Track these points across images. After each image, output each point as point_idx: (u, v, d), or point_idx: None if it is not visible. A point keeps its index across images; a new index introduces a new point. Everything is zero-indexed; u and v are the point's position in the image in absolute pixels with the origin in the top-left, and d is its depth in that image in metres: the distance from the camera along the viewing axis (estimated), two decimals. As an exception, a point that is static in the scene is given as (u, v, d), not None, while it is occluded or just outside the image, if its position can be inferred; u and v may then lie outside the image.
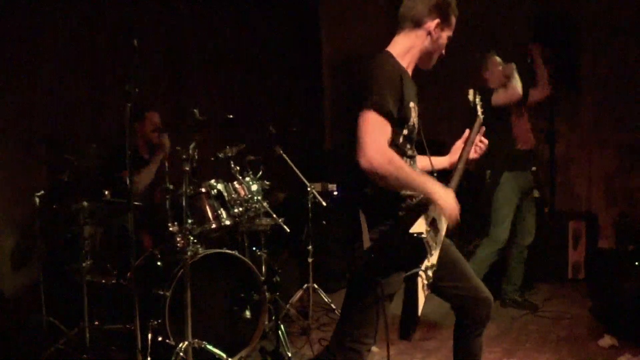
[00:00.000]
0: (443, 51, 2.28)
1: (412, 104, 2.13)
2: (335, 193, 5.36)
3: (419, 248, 2.02)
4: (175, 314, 3.14)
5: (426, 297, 2.13)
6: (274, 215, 3.67)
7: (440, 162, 2.47)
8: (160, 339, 3.20)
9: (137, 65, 2.64)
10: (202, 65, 5.38)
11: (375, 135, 1.96)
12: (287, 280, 4.29)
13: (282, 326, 3.47)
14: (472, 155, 2.45)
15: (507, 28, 5.94)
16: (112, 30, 4.44)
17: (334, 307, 4.12)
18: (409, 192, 2.08)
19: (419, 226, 2.03)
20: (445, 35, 2.24)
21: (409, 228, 2.00)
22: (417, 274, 2.02)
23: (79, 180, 3.66)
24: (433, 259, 2.14)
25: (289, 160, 4.08)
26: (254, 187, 3.61)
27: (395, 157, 1.98)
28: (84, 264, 3.38)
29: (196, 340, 3.07)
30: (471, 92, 2.48)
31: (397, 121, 2.05)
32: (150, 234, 3.86)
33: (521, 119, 4.22)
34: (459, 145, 2.48)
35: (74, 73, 4.26)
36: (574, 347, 3.67)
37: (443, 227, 2.23)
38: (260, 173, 3.73)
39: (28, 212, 3.70)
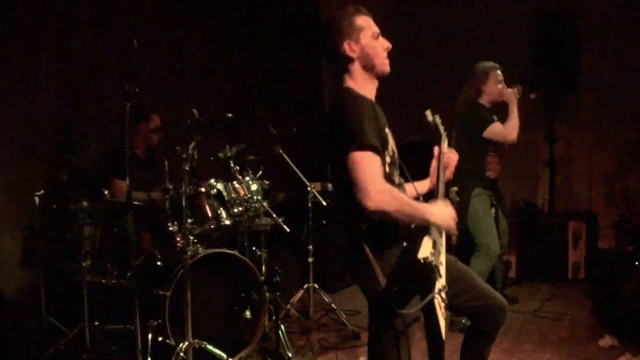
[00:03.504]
0: (386, 46, 2.18)
1: (386, 130, 2.13)
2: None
3: (430, 272, 2.01)
4: (175, 314, 3.14)
5: (445, 319, 2.13)
6: (274, 215, 3.67)
7: (423, 185, 2.45)
8: (160, 339, 3.20)
9: (136, 65, 2.64)
10: (202, 65, 5.38)
11: (371, 173, 1.95)
12: (287, 280, 4.29)
13: (282, 326, 3.47)
14: (448, 174, 2.42)
15: (508, 28, 5.95)
16: (112, 30, 4.44)
17: (334, 307, 4.12)
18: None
19: (424, 250, 2.02)
20: (367, 36, 2.15)
21: (416, 254, 1.98)
22: (433, 299, 2.02)
23: (79, 180, 3.66)
24: (443, 280, 2.13)
25: (289, 160, 4.08)
26: (254, 187, 3.61)
27: (395, 190, 2.01)
28: (84, 264, 3.38)
29: (196, 340, 3.06)
30: (428, 112, 2.43)
31: (378, 149, 2.03)
32: (150, 234, 3.86)
33: (496, 148, 4.20)
34: (434, 165, 2.44)
35: (74, 73, 4.26)
36: (574, 347, 3.67)
37: (443, 247, 2.24)
38: (260, 173, 3.73)
39: (28, 212, 3.70)
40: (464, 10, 6.19)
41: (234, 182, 3.60)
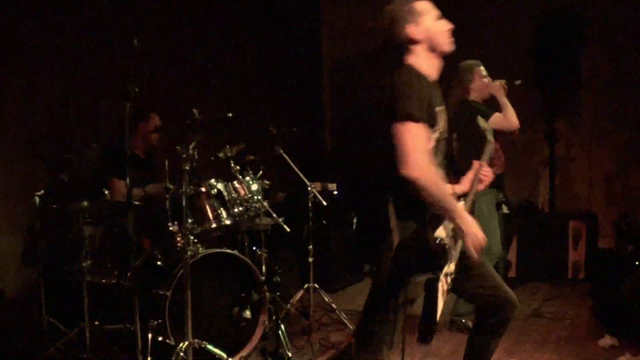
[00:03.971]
0: (447, 27, 2.30)
1: (439, 108, 2.22)
2: (335, 192, 5.36)
3: (441, 252, 2.09)
4: (175, 314, 3.14)
5: (445, 304, 2.20)
6: (274, 215, 3.67)
7: (459, 187, 2.50)
8: (160, 339, 3.20)
9: (137, 65, 2.64)
10: (202, 65, 5.38)
11: (414, 147, 2.05)
12: (287, 280, 4.29)
13: (282, 326, 3.47)
14: (480, 186, 2.47)
15: (508, 28, 5.95)
16: (112, 30, 4.44)
17: (334, 307, 4.12)
18: None
19: (442, 231, 2.11)
20: (429, 19, 2.26)
21: (433, 231, 2.07)
22: (437, 279, 2.08)
23: (79, 180, 3.66)
24: (452, 266, 2.19)
25: (289, 160, 4.08)
26: (254, 187, 3.61)
27: (434, 175, 2.08)
28: (84, 264, 3.38)
29: (196, 340, 3.06)
30: (481, 119, 2.53)
31: (428, 126, 2.13)
32: (150, 233, 3.86)
33: (497, 144, 4.13)
34: (470, 176, 2.49)
35: (74, 73, 4.26)
36: (574, 347, 3.67)
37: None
38: (260, 173, 3.72)
39: (28, 212, 3.70)
40: (464, 10, 6.19)
41: (234, 182, 3.60)
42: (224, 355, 3.18)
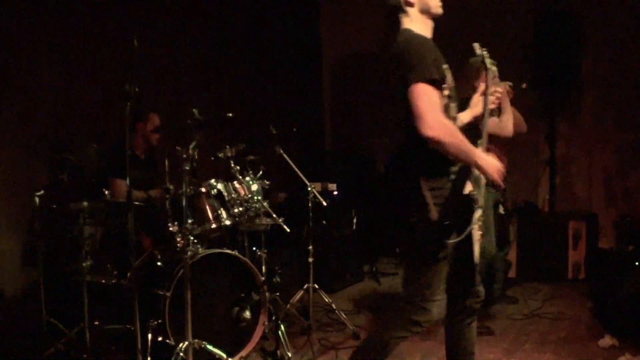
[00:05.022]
0: None
1: (445, 66, 2.37)
2: (335, 192, 5.36)
3: (473, 205, 2.29)
4: (175, 314, 3.14)
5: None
6: (274, 215, 3.67)
7: (465, 116, 2.66)
8: (160, 339, 3.20)
9: (137, 65, 2.64)
10: (202, 65, 5.38)
11: (430, 107, 2.18)
12: (287, 280, 4.29)
13: (282, 326, 3.47)
14: (491, 105, 2.64)
15: (508, 27, 5.95)
16: (112, 30, 4.45)
17: (334, 307, 4.12)
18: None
19: (469, 186, 2.31)
20: None
21: (462, 190, 2.27)
22: (471, 230, 2.31)
23: (79, 180, 3.66)
24: (480, 210, 2.37)
25: (289, 160, 4.07)
26: (254, 187, 3.61)
27: (452, 126, 2.25)
28: (84, 264, 3.38)
29: (196, 340, 3.06)
30: (477, 45, 2.61)
31: (438, 83, 2.27)
32: (150, 234, 3.86)
33: (497, 147, 4.05)
34: (477, 98, 2.68)
35: (74, 73, 4.26)
36: (574, 347, 3.67)
37: (483, 183, 2.43)
38: (260, 173, 3.72)
39: (28, 212, 3.70)
40: (463, 10, 6.19)
41: (234, 182, 3.60)
42: (224, 355, 3.18)
